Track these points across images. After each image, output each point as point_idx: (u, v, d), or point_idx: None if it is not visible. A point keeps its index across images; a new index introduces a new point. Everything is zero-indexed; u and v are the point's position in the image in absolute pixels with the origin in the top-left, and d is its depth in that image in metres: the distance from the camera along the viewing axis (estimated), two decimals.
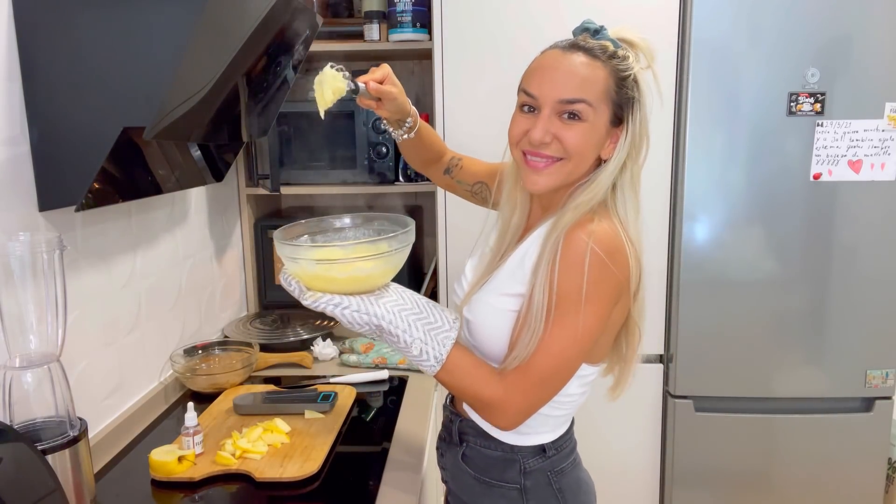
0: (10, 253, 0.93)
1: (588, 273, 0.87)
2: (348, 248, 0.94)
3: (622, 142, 0.95)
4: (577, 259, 0.87)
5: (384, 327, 0.91)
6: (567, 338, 0.89)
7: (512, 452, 1.02)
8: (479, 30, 1.75)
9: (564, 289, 0.88)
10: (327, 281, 0.91)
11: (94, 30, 1.01)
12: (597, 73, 0.91)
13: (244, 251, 2.09)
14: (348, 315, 0.90)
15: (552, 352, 0.89)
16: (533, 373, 0.90)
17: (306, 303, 0.91)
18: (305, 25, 1.43)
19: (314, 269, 0.91)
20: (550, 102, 0.92)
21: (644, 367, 1.89)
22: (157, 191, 1.39)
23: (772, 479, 1.91)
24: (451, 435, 1.12)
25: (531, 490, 1.02)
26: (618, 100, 0.93)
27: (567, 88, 0.91)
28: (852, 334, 1.82)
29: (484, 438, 1.04)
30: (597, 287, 0.88)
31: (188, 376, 1.53)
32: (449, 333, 0.94)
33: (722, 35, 1.70)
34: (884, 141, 1.73)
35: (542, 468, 1.02)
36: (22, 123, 1.05)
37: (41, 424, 0.97)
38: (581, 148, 0.92)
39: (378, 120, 1.97)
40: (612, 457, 1.93)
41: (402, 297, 0.96)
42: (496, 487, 1.03)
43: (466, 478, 1.07)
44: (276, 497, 1.10)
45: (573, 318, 0.88)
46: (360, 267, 0.91)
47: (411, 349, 0.92)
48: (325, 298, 0.90)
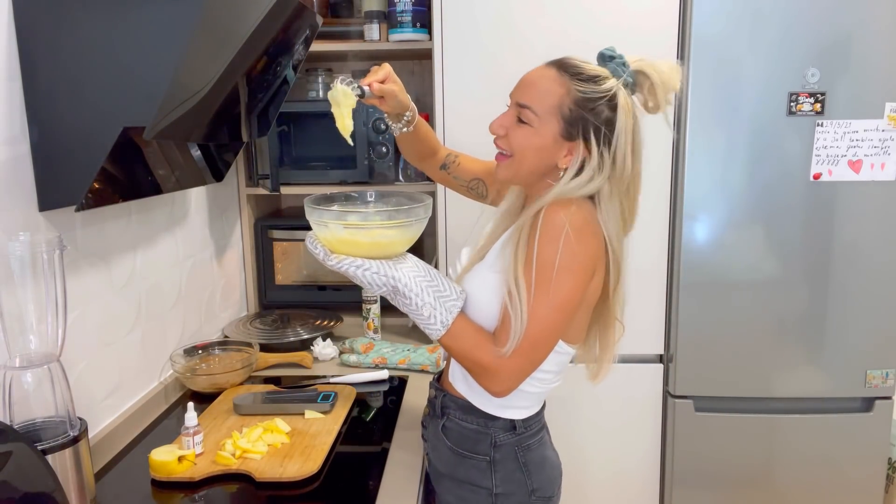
0: (10, 253, 0.93)
1: (563, 244, 0.96)
2: (372, 215, 1.03)
3: (579, 157, 1.02)
4: (555, 232, 0.97)
5: (399, 289, 1.00)
6: (550, 303, 0.98)
7: (485, 427, 1.11)
8: (479, 30, 1.75)
9: (544, 259, 0.97)
10: (352, 245, 0.99)
11: (94, 30, 1.01)
12: (552, 88, 1.02)
13: (244, 251, 2.09)
14: (368, 276, 0.99)
15: (538, 316, 0.97)
16: (527, 336, 0.98)
17: (330, 263, 1.00)
18: (305, 25, 1.43)
19: (342, 233, 0.99)
20: (512, 102, 1.07)
21: (644, 367, 1.89)
22: (157, 191, 1.39)
23: (772, 479, 1.91)
24: (434, 409, 1.20)
25: (499, 462, 1.11)
26: (571, 118, 1.01)
27: (523, 94, 1.05)
28: (852, 334, 1.82)
29: (463, 412, 1.13)
30: (573, 257, 0.97)
31: (188, 376, 1.53)
32: (456, 302, 1.03)
33: (722, 35, 1.70)
34: (884, 141, 1.73)
35: (511, 443, 1.11)
36: (22, 123, 1.05)
37: (41, 424, 0.97)
38: (521, 147, 1.05)
39: (378, 120, 1.97)
40: (612, 457, 1.93)
41: (418, 266, 1.05)
42: (469, 458, 1.12)
43: (444, 448, 1.15)
44: (276, 497, 1.10)
45: (556, 286, 0.97)
46: (382, 233, 1.00)
47: (422, 312, 1.00)
48: (348, 260, 0.99)
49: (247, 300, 2.12)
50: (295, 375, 1.67)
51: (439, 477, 1.18)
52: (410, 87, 2.27)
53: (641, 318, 1.86)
